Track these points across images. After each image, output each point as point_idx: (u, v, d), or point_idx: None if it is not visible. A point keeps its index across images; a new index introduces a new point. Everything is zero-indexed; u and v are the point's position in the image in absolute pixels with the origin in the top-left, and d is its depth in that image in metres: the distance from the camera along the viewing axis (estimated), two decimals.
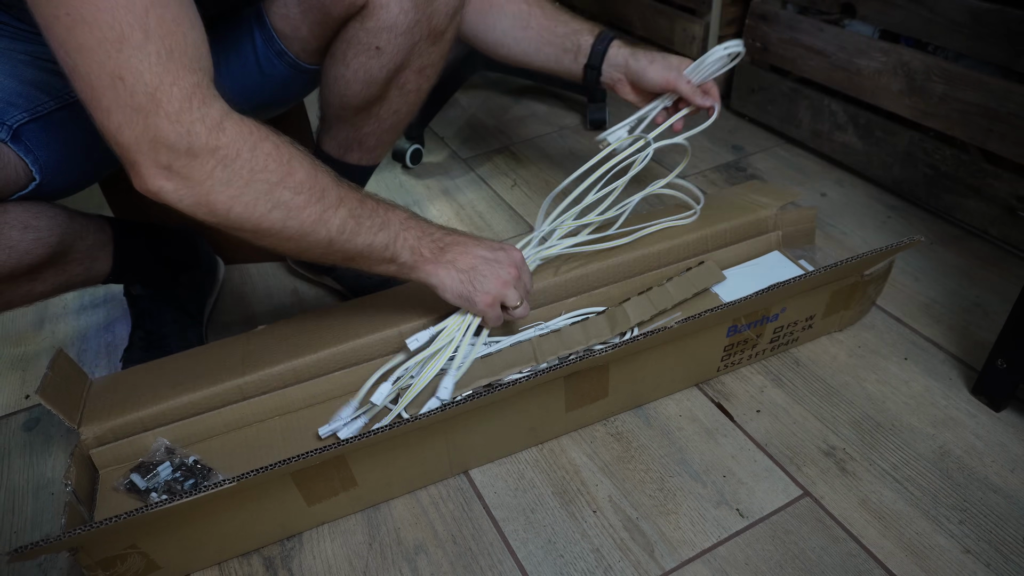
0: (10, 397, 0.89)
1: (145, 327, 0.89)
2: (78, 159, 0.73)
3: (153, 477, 0.69)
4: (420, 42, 0.75)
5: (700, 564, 0.65)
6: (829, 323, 0.85)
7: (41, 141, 0.68)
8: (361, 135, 0.83)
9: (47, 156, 0.68)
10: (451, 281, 0.69)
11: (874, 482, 0.71)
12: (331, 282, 1.00)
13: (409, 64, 0.76)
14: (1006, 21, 0.91)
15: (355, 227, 0.62)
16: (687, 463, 0.74)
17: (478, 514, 0.70)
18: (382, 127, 0.83)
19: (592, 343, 0.78)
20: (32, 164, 0.67)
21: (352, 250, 0.63)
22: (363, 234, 0.63)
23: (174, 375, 0.75)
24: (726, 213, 0.91)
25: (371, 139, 0.84)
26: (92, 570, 0.60)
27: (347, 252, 0.63)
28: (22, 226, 0.67)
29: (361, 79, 0.76)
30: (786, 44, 1.23)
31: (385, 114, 0.81)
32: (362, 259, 0.65)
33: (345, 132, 0.83)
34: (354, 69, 0.75)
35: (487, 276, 0.70)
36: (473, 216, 1.18)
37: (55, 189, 0.72)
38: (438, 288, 0.70)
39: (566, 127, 1.43)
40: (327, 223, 0.60)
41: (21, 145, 0.66)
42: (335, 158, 0.86)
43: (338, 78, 0.77)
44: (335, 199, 0.60)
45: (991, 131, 0.96)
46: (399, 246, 0.66)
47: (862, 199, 1.14)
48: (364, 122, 0.82)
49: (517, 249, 0.74)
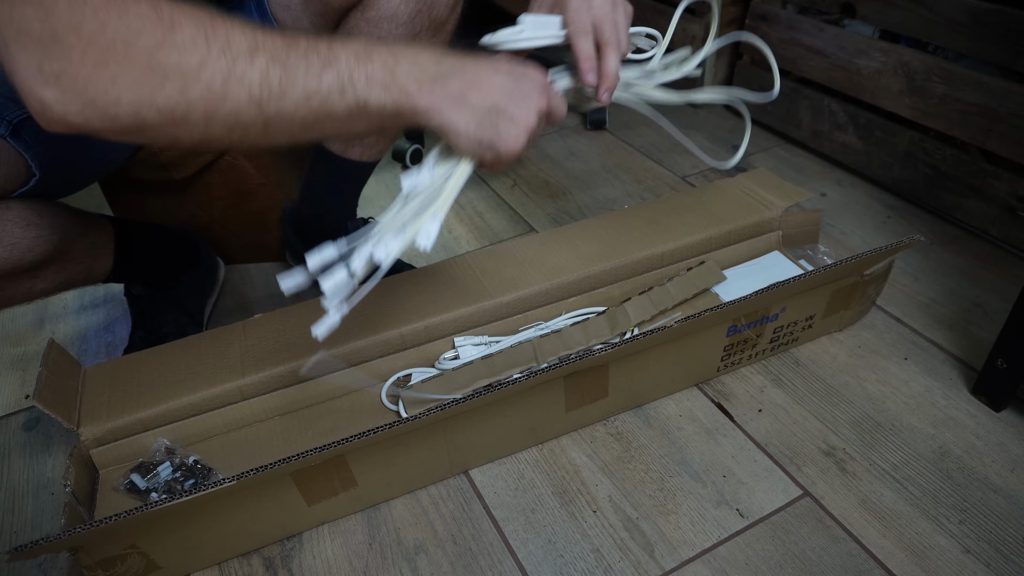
0: (10, 397, 0.89)
1: (145, 327, 0.89)
2: (78, 155, 0.73)
3: (153, 477, 0.69)
4: (421, 33, 0.75)
5: (700, 564, 0.65)
6: (829, 323, 0.85)
7: (41, 137, 0.68)
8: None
9: (47, 152, 0.68)
10: (465, 123, 0.53)
11: (874, 482, 0.71)
12: None
13: None
14: (1006, 21, 0.91)
15: (284, 76, 0.47)
16: (687, 463, 0.74)
17: (478, 514, 0.70)
18: None
19: (592, 343, 0.78)
20: (32, 160, 0.67)
21: (292, 110, 0.48)
22: (299, 82, 0.47)
23: (171, 371, 0.75)
24: (732, 213, 0.91)
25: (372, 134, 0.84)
26: (92, 570, 0.60)
27: (288, 116, 0.48)
28: (24, 223, 0.67)
29: None
30: (786, 44, 1.23)
31: None
32: (319, 122, 0.50)
33: None
34: None
35: (515, 117, 0.54)
36: (473, 216, 1.18)
37: (55, 186, 0.72)
38: (449, 132, 0.53)
39: (566, 127, 1.43)
40: (242, 79, 0.46)
41: (21, 141, 0.66)
42: (337, 154, 0.86)
43: None
44: (246, 47, 0.46)
45: (991, 131, 0.96)
46: (360, 84, 0.49)
47: (862, 199, 1.14)
48: None
49: (539, 71, 0.58)
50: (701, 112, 1.45)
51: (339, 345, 0.76)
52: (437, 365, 0.78)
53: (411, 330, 0.78)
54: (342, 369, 0.76)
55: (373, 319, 0.79)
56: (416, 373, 0.78)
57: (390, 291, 0.84)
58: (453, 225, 1.16)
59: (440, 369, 0.78)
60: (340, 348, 0.76)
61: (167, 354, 0.77)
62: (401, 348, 0.79)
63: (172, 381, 0.74)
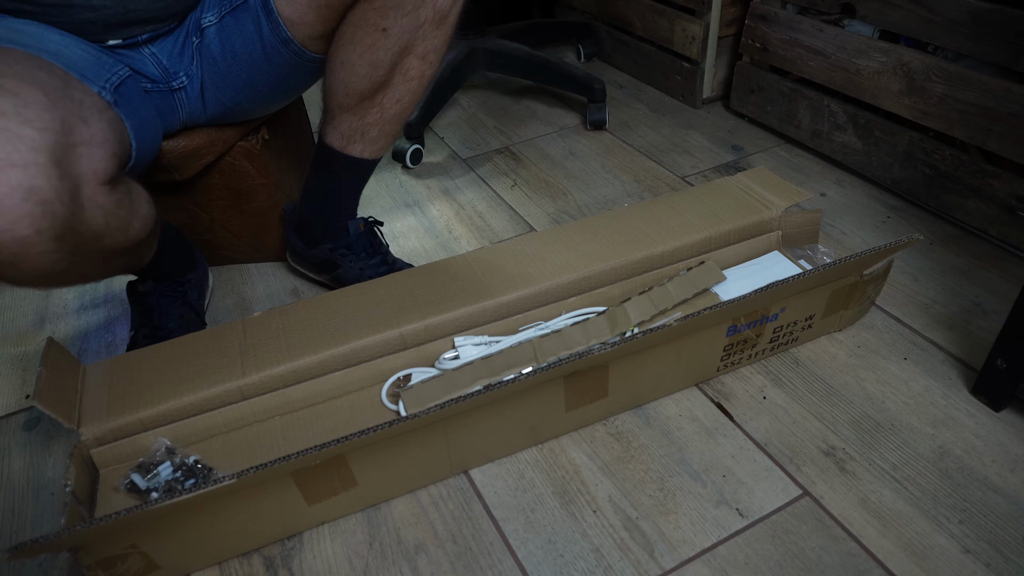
0: (10, 397, 0.89)
1: (151, 323, 0.89)
2: (146, 132, 0.75)
3: (153, 477, 0.69)
4: (425, 24, 0.76)
5: (700, 564, 0.65)
6: (829, 323, 0.85)
7: (131, 107, 0.70)
8: (364, 125, 0.84)
9: (135, 122, 0.71)
10: None
11: (874, 482, 0.71)
12: (330, 281, 1.00)
13: (413, 48, 0.77)
14: (1006, 21, 0.91)
15: None
16: (687, 463, 0.74)
17: (478, 514, 0.70)
18: (385, 117, 0.83)
19: (592, 343, 0.78)
20: (130, 129, 0.68)
21: None
22: None
23: (171, 371, 0.75)
24: (732, 212, 0.91)
25: (374, 130, 0.85)
26: (92, 570, 0.60)
27: None
28: (147, 200, 0.71)
29: (367, 61, 0.77)
30: (786, 44, 1.23)
31: (388, 103, 0.82)
32: None
33: (348, 122, 0.84)
34: (360, 52, 0.77)
35: None
36: (473, 216, 1.18)
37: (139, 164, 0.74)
38: None
39: (566, 127, 1.43)
40: None
41: (121, 109, 0.67)
42: (337, 150, 0.87)
43: (344, 63, 0.78)
44: None
45: (991, 131, 0.96)
46: None
47: (862, 199, 1.14)
48: (367, 111, 0.82)
49: None
50: (701, 112, 1.45)
51: (339, 345, 0.76)
52: (437, 365, 0.78)
53: (411, 330, 0.78)
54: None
55: (373, 319, 0.79)
56: (416, 373, 0.78)
57: (390, 291, 0.84)
58: (453, 225, 1.16)
59: (440, 369, 0.78)
60: (340, 348, 0.76)
61: (167, 353, 0.77)
62: (401, 348, 0.79)
63: (172, 380, 0.74)
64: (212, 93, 0.85)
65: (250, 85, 0.86)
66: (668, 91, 1.53)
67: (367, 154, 0.87)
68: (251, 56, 0.82)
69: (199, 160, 0.93)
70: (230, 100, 0.87)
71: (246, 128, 0.96)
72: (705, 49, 1.38)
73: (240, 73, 0.84)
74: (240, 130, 0.95)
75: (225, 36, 0.82)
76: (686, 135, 1.38)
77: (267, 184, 1.01)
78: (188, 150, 0.90)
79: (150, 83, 0.80)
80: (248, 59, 0.82)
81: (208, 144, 0.92)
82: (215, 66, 0.83)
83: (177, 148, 0.89)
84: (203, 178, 0.98)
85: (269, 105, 0.94)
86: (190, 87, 0.84)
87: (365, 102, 0.81)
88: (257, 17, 0.79)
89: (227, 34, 0.82)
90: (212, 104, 0.87)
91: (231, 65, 0.83)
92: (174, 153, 0.89)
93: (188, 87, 0.83)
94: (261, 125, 0.99)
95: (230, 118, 0.91)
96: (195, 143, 0.90)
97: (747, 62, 1.34)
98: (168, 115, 0.84)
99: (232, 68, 0.83)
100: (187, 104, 0.85)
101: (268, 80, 0.85)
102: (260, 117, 0.97)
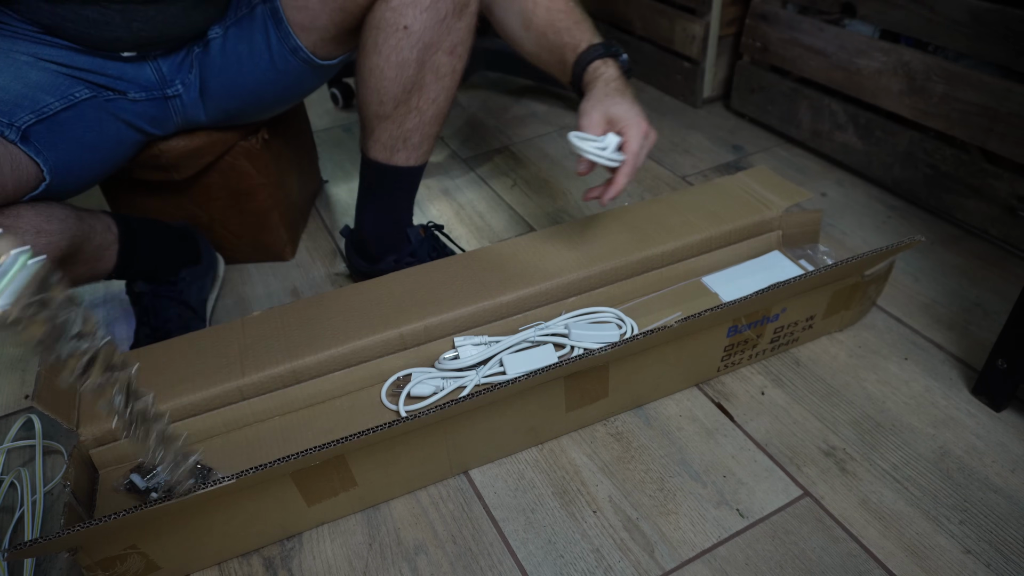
0: (10, 397, 0.89)
1: (151, 324, 0.89)
2: (85, 158, 0.74)
3: (153, 477, 0.69)
4: (447, 17, 0.75)
5: (700, 564, 0.65)
6: (829, 323, 0.85)
7: (49, 142, 0.69)
8: (405, 132, 0.83)
9: (56, 156, 0.69)
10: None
11: (874, 482, 0.71)
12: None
13: (440, 44, 0.77)
14: (1006, 21, 0.91)
15: None
16: (687, 463, 0.74)
17: (478, 514, 0.70)
18: (424, 119, 0.82)
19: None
20: (43, 165, 0.67)
21: None
22: None
23: (170, 371, 0.75)
24: (732, 212, 0.91)
25: (415, 135, 0.84)
26: (92, 570, 0.60)
27: None
28: (35, 231, 0.67)
29: (394, 63, 0.76)
30: (786, 44, 1.23)
31: (424, 104, 0.81)
32: None
33: (388, 132, 0.83)
34: (385, 55, 0.76)
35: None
36: (473, 216, 1.18)
37: (63, 189, 0.73)
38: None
39: (566, 127, 1.43)
40: None
41: (31, 146, 0.66)
42: (383, 163, 0.86)
43: (372, 70, 0.78)
44: None
45: (991, 131, 0.96)
46: None
47: (862, 199, 1.14)
48: (405, 116, 0.82)
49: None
50: (701, 112, 1.45)
51: (339, 345, 0.76)
52: (437, 365, 0.78)
53: (411, 330, 0.78)
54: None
55: (373, 319, 0.79)
56: (416, 373, 0.78)
57: (390, 291, 0.84)
58: (453, 225, 1.16)
59: (440, 369, 0.78)
60: (340, 348, 0.76)
61: (166, 352, 0.77)
62: (401, 348, 0.79)
63: (171, 380, 0.73)
64: (215, 101, 0.85)
65: (255, 93, 0.85)
66: (668, 91, 1.53)
67: (412, 161, 0.86)
68: (258, 66, 0.82)
69: (198, 160, 0.93)
70: (234, 107, 0.87)
71: (247, 129, 0.96)
72: (705, 48, 1.38)
73: (246, 82, 0.84)
74: (240, 131, 0.95)
75: (230, 47, 0.82)
76: (686, 135, 1.37)
77: (267, 184, 1.01)
78: (188, 150, 0.90)
79: (142, 91, 0.80)
80: (255, 68, 0.82)
81: (208, 145, 0.92)
82: (219, 76, 0.83)
83: (176, 148, 0.89)
84: (203, 178, 0.97)
85: (273, 110, 0.94)
86: (185, 95, 0.83)
87: (401, 107, 0.80)
88: (265, 26, 0.79)
89: (232, 45, 0.82)
90: (214, 110, 0.87)
91: (236, 75, 0.83)
92: (173, 153, 0.89)
93: (183, 95, 0.83)
94: (261, 125, 0.99)
95: (232, 122, 0.91)
96: (195, 143, 0.90)
97: (747, 62, 1.34)
98: (161, 121, 0.84)
99: (237, 78, 0.83)
100: (182, 110, 0.85)
101: (275, 88, 0.85)
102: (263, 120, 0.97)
